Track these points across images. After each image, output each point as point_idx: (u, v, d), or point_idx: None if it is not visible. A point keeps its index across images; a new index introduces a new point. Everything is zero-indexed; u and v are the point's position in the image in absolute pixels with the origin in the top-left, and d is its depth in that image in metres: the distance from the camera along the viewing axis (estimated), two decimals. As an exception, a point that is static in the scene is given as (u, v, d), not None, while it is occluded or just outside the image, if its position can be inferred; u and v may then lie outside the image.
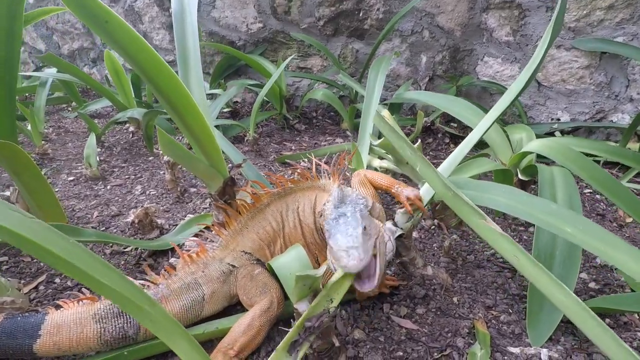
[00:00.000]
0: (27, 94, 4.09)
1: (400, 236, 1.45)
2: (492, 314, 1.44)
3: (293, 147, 3.16)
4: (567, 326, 1.37)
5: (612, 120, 2.94)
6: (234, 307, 1.44)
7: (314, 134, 3.44)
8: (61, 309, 1.22)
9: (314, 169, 1.54)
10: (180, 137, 3.03)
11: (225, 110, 3.76)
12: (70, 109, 4.25)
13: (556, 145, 1.83)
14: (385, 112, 2.03)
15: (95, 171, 2.48)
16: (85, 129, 3.53)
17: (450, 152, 3.03)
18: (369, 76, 2.44)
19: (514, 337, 1.36)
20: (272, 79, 2.77)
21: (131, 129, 3.36)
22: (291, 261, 1.16)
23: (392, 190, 1.47)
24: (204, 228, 1.53)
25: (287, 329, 1.11)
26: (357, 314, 1.44)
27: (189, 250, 1.44)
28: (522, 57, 3.18)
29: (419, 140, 1.90)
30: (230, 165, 1.61)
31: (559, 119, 3.15)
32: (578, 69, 2.97)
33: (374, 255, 1.11)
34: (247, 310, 1.32)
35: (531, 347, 1.30)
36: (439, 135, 3.26)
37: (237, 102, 4.13)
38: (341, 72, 3.31)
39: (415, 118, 3.13)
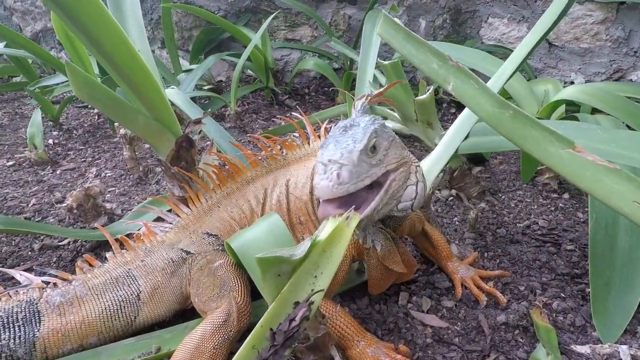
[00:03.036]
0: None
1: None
2: (542, 301, 1.07)
3: (283, 124, 2.77)
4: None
5: (631, 80, 2.61)
6: (194, 312, 1.04)
7: (307, 109, 3.06)
8: None
9: (311, 130, 1.17)
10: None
11: (206, 87, 3.37)
12: (31, 96, 3.84)
13: (597, 92, 1.47)
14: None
15: (41, 154, 2.09)
16: (45, 116, 3.14)
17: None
18: (364, 28, 2.05)
19: (575, 330, 0.99)
20: (255, 38, 2.39)
21: (96, 110, 2.96)
22: (261, 237, 0.76)
23: None
24: (167, 211, 1.16)
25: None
26: (365, 310, 1.07)
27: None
28: (531, 15, 2.84)
29: (431, 88, 1.52)
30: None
31: (572, 82, 2.83)
32: (593, 24, 2.64)
33: (370, 187, 0.77)
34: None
35: (603, 343, 0.94)
36: (444, 105, 2.94)
37: (220, 80, 3.74)
38: (333, 38, 2.93)
39: (417, 88, 2.80)
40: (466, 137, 1.10)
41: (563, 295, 1.09)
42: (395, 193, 0.83)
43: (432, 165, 1.14)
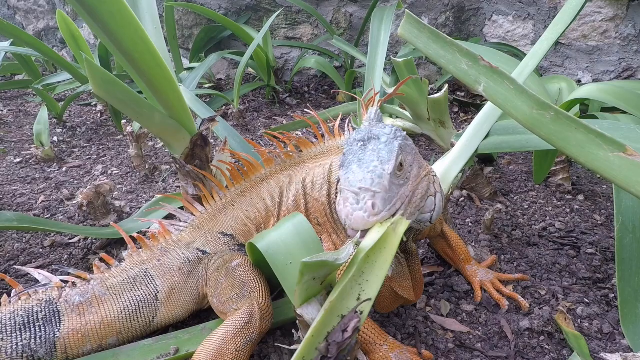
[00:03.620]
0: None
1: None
2: (565, 306, 1.06)
3: (285, 122, 2.76)
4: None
5: (641, 79, 2.58)
6: (210, 313, 1.03)
7: (308, 108, 3.04)
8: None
9: (325, 129, 1.15)
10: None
11: (207, 85, 3.35)
12: (34, 93, 3.81)
13: (617, 90, 1.44)
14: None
15: (48, 151, 2.06)
16: (49, 114, 3.11)
17: (461, 121, 2.66)
18: (371, 26, 2.03)
19: (603, 337, 0.97)
20: (259, 37, 2.36)
21: (99, 107, 2.94)
22: (288, 239, 0.73)
23: None
24: (179, 208, 1.14)
25: (286, 347, 0.72)
26: (383, 314, 1.04)
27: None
28: (537, 12, 2.82)
29: (446, 86, 1.50)
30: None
31: (579, 81, 2.79)
32: (602, 21, 2.62)
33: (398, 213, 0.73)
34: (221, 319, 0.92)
35: (635, 352, 0.92)
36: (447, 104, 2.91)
37: (220, 79, 3.72)
38: (335, 36, 2.91)
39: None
40: (486, 136, 1.08)
41: (587, 301, 1.07)
42: (418, 205, 0.80)
43: (450, 165, 1.11)
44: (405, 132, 0.82)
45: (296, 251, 0.72)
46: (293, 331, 0.78)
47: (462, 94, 3.06)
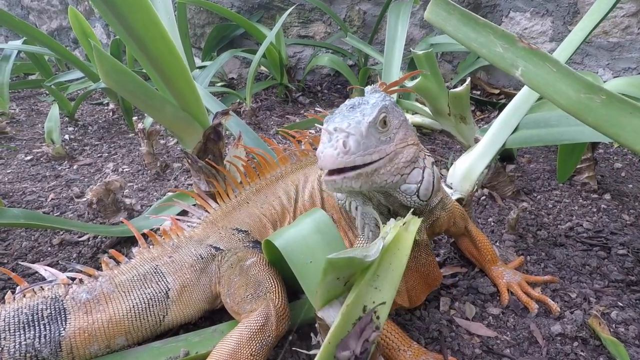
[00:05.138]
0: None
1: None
2: (599, 310, 0.99)
3: (297, 121, 2.72)
4: None
5: (664, 76, 2.53)
6: (222, 314, 0.99)
7: (320, 107, 3.00)
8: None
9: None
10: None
11: (219, 84, 3.32)
12: (47, 92, 3.82)
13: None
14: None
15: (58, 149, 2.04)
16: (61, 113, 3.11)
17: (478, 119, 2.58)
18: (388, 20, 1.98)
19: (642, 343, 0.91)
20: (272, 33, 2.32)
21: (111, 106, 2.93)
22: (308, 236, 0.68)
23: None
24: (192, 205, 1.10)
25: (304, 352, 0.67)
26: (405, 316, 0.99)
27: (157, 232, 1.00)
28: (555, 9, 2.74)
29: (469, 79, 1.45)
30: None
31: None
32: (623, 17, 2.54)
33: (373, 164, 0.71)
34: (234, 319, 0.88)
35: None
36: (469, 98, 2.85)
37: (232, 78, 3.70)
38: (349, 34, 2.86)
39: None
40: (514, 130, 1.02)
41: (621, 304, 1.01)
42: (401, 168, 0.76)
43: (475, 160, 1.06)
44: (394, 99, 0.79)
45: (317, 249, 0.67)
46: (312, 335, 0.73)
47: (478, 92, 3.00)
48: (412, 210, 0.80)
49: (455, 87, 2.81)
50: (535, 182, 1.69)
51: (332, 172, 0.67)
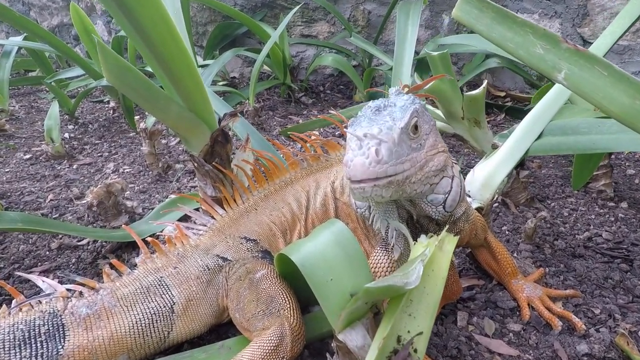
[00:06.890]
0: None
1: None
2: (626, 328, 0.94)
3: (300, 122, 2.67)
4: None
5: (675, 80, 2.49)
6: (228, 326, 0.93)
7: (323, 107, 2.95)
8: None
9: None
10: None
11: (221, 83, 3.27)
12: (47, 89, 3.77)
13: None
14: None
15: (58, 147, 1.99)
16: (61, 111, 3.06)
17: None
18: (398, 20, 1.93)
19: (673, 365, 0.86)
20: (276, 33, 2.27)
21: (112, 104, 2.88)
22: (327, 251, 0.62)
23: None
24: (195, 209, 1.05)
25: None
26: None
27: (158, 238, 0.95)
28: (564, 10, 2.70)
29: (485, 82, 1.40)
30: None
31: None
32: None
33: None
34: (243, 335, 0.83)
35: None
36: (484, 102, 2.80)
37: (234, 77, 3.65)
38: (353, 34, 2.81)
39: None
40: (538, 137, 0.97)
41: (647, 321, 0.96)
42: (430, 176, 0.72)
43: (495, 168, 1.01)
44: (424, 102, 0.74)
45: (337, 266, 0.61)
46: (327, 355, 0.68)
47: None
48: (435, 221, 0.75)
49: (461, 89, 2.77)
50: (548, 188, 1.65)
51: (361, 179, 0.62)
